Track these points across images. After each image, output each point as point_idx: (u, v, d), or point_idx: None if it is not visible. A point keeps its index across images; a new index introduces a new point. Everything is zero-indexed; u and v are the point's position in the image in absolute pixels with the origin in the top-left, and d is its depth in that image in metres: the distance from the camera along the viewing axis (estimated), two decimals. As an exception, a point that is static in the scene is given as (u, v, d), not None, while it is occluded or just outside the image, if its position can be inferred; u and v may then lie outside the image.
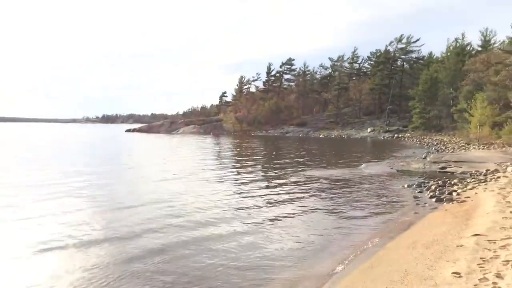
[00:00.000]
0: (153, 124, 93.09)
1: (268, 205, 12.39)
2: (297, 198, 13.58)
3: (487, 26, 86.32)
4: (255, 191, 14.88)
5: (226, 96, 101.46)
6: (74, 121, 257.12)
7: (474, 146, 32.71)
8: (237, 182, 17.17)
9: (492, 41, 57.90)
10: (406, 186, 15.53)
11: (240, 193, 14.40)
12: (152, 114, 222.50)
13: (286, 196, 13.84)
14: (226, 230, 9.51)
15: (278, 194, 14.34)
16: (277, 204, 12.58)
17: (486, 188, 13.42)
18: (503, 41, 51.39)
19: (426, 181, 16.21)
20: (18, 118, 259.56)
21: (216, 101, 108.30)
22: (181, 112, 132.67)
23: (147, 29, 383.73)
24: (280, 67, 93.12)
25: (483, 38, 58.95)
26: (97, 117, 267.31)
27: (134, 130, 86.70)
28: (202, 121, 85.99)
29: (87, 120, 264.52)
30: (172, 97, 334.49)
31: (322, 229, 9.65)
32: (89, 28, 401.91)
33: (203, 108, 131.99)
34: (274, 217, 10.72)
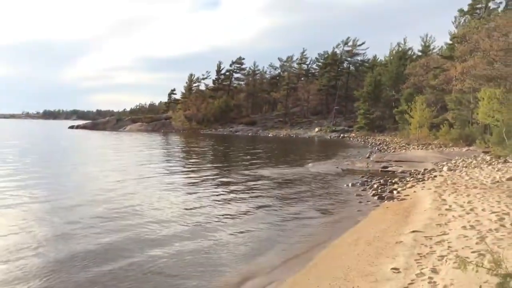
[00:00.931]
0: (98, 120, 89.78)
1: (215, 205, 12.32)
2: (244, 197, 13.61)
3: (427, 32, 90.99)
4: (203, 190, 14.77)
5: (175, 94, 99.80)
6: (12, 116, 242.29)
7: (413, 146, 34.34)
8: (185, 181, 16.96)
9: (431, 47, 61.09)
10: (350, 184, 16.00)
11: (188, 193, 14.25)
12: (97, 110, 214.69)
13: (233, 196, 13.83)
14: (171, 231, 9.36)
15: (226, 193, 14.32)
16: (224, 204, 12.53)
17: (424, 187, 14.12)
18: (442, 46, 54.46)
19: (369, 180, 16.80)
20: None
21: (165, 98, 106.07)
22: (128, 109, 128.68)
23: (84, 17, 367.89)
24: (230, 66, 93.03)
25: (423, 44, 62.04)
26: (38, 113, 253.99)
27: (77, 127, 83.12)
28: (150, 118, 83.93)
29: (27, 115, 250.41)
30: (119, 93, 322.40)
31: (268, 229, 9.71)
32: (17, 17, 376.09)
33: (151, 105, 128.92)
34: (221, 217, 10.68)
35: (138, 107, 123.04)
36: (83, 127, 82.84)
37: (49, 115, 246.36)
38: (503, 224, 7.77)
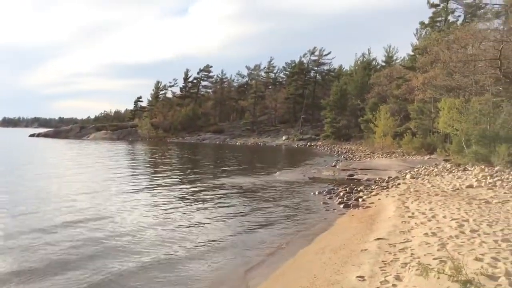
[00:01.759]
0: (61, 128, 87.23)
1: (183, 216, 12.14)
2: (212, 208, 13.49)
3: (390, 43, 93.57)
4: (170, 201, 14.54)
5: (142, 101, 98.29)
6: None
7: (378, 155, 35.12)
8: (152, 192, 16.61)
9: (394, 58, 63.00)
10: (317, 193, 16.15)
11: (156, 204, 13.98)
12: (60, 118, 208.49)
13: (201, 206, 13.70)
14: (139, 246, 9.14)
15: (193, 204, 14.17)
16: (192, 214, 12.38)
17: (388, 194, 14.41)
18: (404, 57, 56.18)
19: (335, 188, 17.03)
20: None
21: (131, 106, 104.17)
22: (92, 117, 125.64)
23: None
24: (198, 73, 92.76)
25: (386, 54, 63.97)
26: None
27: (39, 135, 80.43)
28: (115, 126, 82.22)
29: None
30: (83, 100, 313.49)
31: (235, 239, 9.64)
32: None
33: (117, 112, 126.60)
34: (187, 228, 10.53)
35: (103, 114, 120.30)
36: (45, 135, 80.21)
37: (8, 122, 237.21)
38: (463, 230, 8.00)
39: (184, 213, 12.40)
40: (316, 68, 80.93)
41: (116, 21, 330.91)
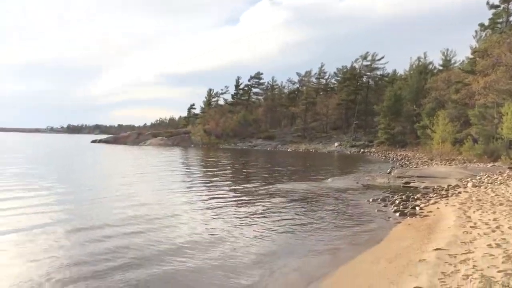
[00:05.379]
0: (120, 135, 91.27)
1: (235, 220, 12.27)
2: (264, 213, 13.52)
3: (447, 46, 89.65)
4: (222, 206, 14.73)
5: (195, 108, 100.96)
6: (37, 130, 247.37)
7: (436, 162, 33.74)
8: (206, 197, 16.90)
9: (452, 61, 60.34)
10: (371, 200, 15.76)
11: (208, 208, 14.25)
12: (119, 125, 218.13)
13: (254, 211, 13.76)
14: (195, 252, 9.35)
15: (247, 207, 14.28)
16: (245, 218, 12.49)
17: (447, 203, 13.80)
18: (463, 61, 53.71)
19: (390, 196, 16.52)
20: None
21: (184, 113, 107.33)
22: (148, 124, 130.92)
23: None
24: (249, 80, 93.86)
25: (444, 58, 61.37)
26: (62, 127, 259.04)
27: (100, 141, 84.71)
28: (170, 133, 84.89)
29: (52, 130, 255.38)
30: (139, 108, 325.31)
31: (287, 247, 9.54)
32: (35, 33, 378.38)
33: (171, 119, 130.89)
34: (240, 234, 10.60)
35: (158, 121, 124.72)
36: (105, 141, 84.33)
37: (72, 129, 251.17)
38: (531, 242, 7.53)
39: (235, 217, 12.50)
40: (368, 73, 79.22)
41: (170, 31, 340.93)
